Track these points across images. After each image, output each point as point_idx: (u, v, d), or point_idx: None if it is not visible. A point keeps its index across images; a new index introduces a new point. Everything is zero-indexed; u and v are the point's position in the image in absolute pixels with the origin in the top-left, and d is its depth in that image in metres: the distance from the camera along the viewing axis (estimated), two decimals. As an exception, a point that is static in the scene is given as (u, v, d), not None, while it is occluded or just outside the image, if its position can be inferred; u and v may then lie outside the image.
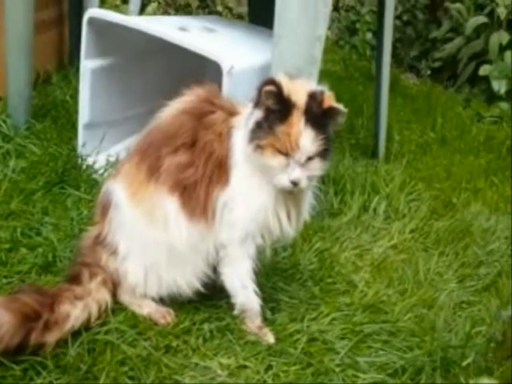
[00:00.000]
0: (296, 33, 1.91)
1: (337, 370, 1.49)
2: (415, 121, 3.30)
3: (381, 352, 1.57)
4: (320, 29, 1.94)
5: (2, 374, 1.32)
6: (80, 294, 1.49)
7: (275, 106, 1.45)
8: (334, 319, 1.67)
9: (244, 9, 4.89)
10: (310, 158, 1.47)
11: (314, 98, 1.46)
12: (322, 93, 1.48)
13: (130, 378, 1.37)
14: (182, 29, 2.12)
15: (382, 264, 2.02)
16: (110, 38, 2.19)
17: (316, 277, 1.87)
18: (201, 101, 1.56)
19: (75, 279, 1.53)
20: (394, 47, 2.73)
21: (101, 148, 2.24)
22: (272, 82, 1.45)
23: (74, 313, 1.45)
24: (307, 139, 1.44)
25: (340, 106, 1.48)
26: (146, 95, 2.33)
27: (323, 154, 1.47)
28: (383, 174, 2.49)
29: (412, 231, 2.23)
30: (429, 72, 4.63)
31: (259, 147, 1.46)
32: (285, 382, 1.45)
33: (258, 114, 1.47)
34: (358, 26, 4.94)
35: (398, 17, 4.70)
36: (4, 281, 1.61)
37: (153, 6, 5.08)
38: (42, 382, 1.32)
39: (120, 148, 2.27)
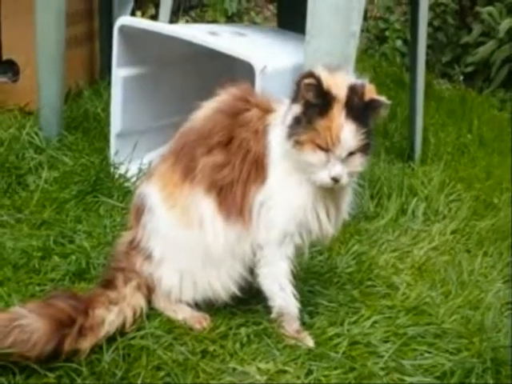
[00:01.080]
0: (329, 30, 1.87)
1: (381, 373, 1.43)
2: (451, 123, 3.23)
3: (427, 355, 1.50)
4: (354, 25, 1.89)
5: (35, 382, 1.29)
6: (115, 298, 1.46)
7: (315, 100, 1.40)
8: (375, 322, 1.60)
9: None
10: (351, 154, 1.41)
11: (354, 90, 1.41)
12: (362, 85, 1.43)
13: (167, 383, 1.33)
14: (213, 33, 2.11)
15: (424, 266, 1.95)
16: (142, 46, 2.20)
17: (355, 280, 1.81)
18: (235, 99, 1.53)
19: (109, 284, 1.50)
20: (425, 53, 2.73)
21: (133, 157, 2.23)
22: (311, 74, 1.41)
23: (108, 318, 1.42)
24: (348, 133, 1.39)
25: (382, 98, 1.43)
26: (178, 104, 2.31)
27: (365, 148, 1.42)
28: (420, 176, 2.43)
29: (453, 232, 2.17)
30: (462, 77, 4.56)
31: (298, 143, 1.41)
32: (327, 387, 1.39)
33: (297, 109, 1.42)
34: (387, 33, 4.89)
35: (428, 23, 4.64)
36: (37, 288, 1.59)
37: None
38: (77, 389, 1.29)
39: (152, 157, 2.26)
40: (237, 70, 2.05)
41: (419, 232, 2.16)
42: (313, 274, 1.80)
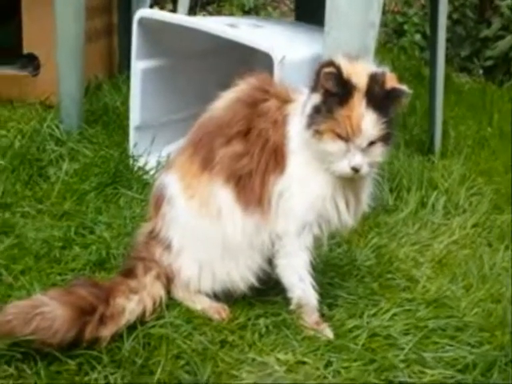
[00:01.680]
0: (348, 20, 1.85)
1: (401, 365, 1.41)
2: (470, 117, 3.19)
3: (448, 347, 1.48)
4: (373, 15, 1.87)
5: (57, 369, 1.30)
6: (135, 287, 1.47)
7: (335, 89, 1.38)
8: (395, 315, 1.59)
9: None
10: (371, 143, 1.40)
11: (375, 79, 1.40)
12: (383, 74, 1.42)
13: (187, 372, 1.33)
14: (231, 25, 2.10)
15: (444, 259, 1.93)
16: (161, 39, 2.20)
17: (374, 273, 1.80)
18: (254, 89, 1.52)
19: (130, 273, 1.51)
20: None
21: (152, 150, 2.24)
22: (331, 63, 1.40)
23: (129, 306, 1.42)
24: (369, 122, 1.38)
25: (404, 87, 1.41)
26: (196, 97, 2.30)
27: (385, 138, 1.40)
28: (440, 169, 2.41)
29: (474, 226, 2.13)
30: (481, 71, 4.50)
31: (318, 133, 1.40)
32: (346, 379, 1.38)
33: (316, 99, 1.41)
34: (406, 27, 4.85)
35: (447, 16, 4.59)
36: (58, 278, 1.60)
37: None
38: (97, 377, 1.30)
39: (171, 149, 2.26)
40: (254, 64, 2.04)
41: (439, 225, 2.14)
42: (332, 267, 1.79)
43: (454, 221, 2.16)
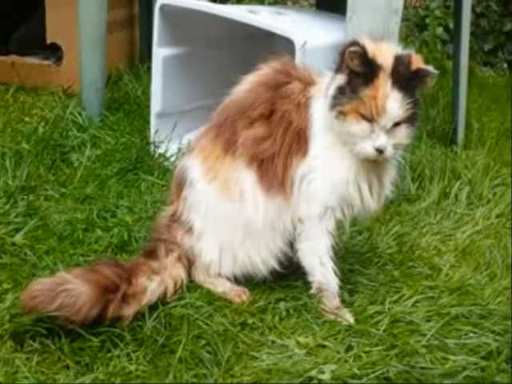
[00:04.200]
0: (371, 6, 1.84)
1: (423, 351, 1.40)
2: (494, 109, 3.15)
3: (471, 334, 1.46)
4: (397, 1, 1.86)
5: (80, 346, 1.31)
6: (157, 268, 1.48)
7: (360, 68, 1.37)
8: (417, 302, 1.57)
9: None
10: (396, 124, 1.38)
11: (401, 59, 1.38)
12: (409, 55, 1.41)
13: (207, 352, 1.33)
14: (253, 12, 2.10)
15: (468, 249, 1.91)
16: (182, 26, 2.20)
17: (396, 260, 1.78)
18: (276, 72, 1.52)
19: (152, 254, 1.51)
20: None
21: (173, 137, 2.24)
22: (356, 43, 1.39)
23: (150, 286, 1.43)
24: (394, 103, 1.36)
25: (430, 68, 1.39)
26: (218, 85, 2.31)
27: (410, 119, 1.39)
28: (464, 160, 2.38)
29: (498, 216, 2.10)
30: (505, 65, 4.44)
31: (342, 113, 1.39)
32: (367, 363, 1.37)
33: (341, 79, 1.40)
34: (427, 21, 4.80)
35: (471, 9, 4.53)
36: (81, 259, 1.62)
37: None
38: (120, 354, 1.30)
39: (192, 137, 2.26)
40: (278, 50, 2.03)
41: (462, 216, 2.11)
42: (352, 254, 1.77)
43: (478, 211, 2.13)
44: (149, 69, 2.33)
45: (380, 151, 1.39)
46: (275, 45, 2.14)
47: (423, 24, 4.91)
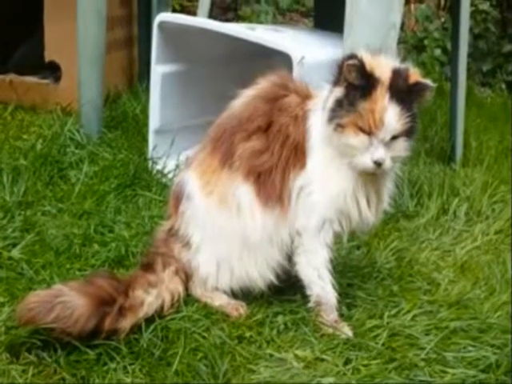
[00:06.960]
0: (369, 20, 1.85)
1: (422, 364, 1.38)
2: (492, 128, 3.17)
3: (470, 348, 1.45)
4: (394, 15, 1.87)
5: (76, 358, 1.30)
6: (154, 281, 1.47)
7: (358, 81, 1.38)
8: (416, 316, 1.56)
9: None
10: (394, 137, 1.39)
11: (398, 73, 1.39)
12: (406, 68, 1.42)
13: (204, 365, 1.32)
14: (251, 29, 2.12)
15: (466, 264, 1.90)
16: (181, 43, 2.22)
17: (394, 275, 1.77)
18: (274, 85, 1.53)
19: (149, 267, 1.51)
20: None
21: (171, 153, 2.25)
22: (354, 56, 1.40)
23: (147, 299, 1.42)
24: (392, 116, 1.37)
25: (427, 81, 1.40)
26: (215, 103, 2.32)
27: (408, 132, 1.39)
28: (462, 177, 2.38)
29: (497, 233, 2.10)
30: (503, 86, 4.48)
31: (340, 126, 1.39)
32: (366, 375, 1.35)
33: (338, 92, 1.41)
34: (426, 42, 4.85)
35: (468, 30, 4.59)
36: (78, 273, 1.61)
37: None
38: (116, 367, 1.29)
39: (190, 153, 2.27)
40: (275, 68, 2.04)
41: (461, 232, 2.11)
42: (351, 268, 1.77)
43: (476, 227, 2.13)
44: (147, 88, 2.34)
45: (378, 164, 1.39)
46: (273, 64, 2.15)
47: (421, 46, 4.97)
